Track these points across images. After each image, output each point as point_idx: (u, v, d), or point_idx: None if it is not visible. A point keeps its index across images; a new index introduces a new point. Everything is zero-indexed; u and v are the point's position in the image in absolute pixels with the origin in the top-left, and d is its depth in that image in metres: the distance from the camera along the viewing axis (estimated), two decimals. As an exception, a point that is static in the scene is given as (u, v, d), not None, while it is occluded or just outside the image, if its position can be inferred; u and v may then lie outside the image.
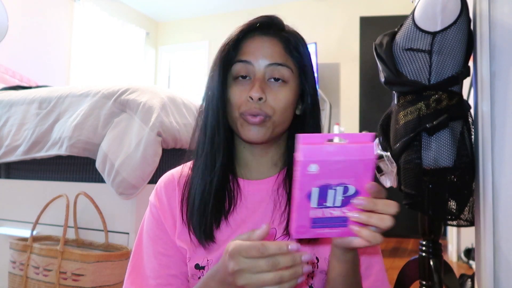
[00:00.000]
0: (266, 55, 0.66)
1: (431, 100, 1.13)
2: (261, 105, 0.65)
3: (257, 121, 0.65)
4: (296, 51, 0.69)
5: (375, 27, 3.62)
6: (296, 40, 0.70)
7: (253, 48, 0.67)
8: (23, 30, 3.42)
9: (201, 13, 4.99)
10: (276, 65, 0.66)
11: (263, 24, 0.69)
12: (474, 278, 1.75)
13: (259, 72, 0.66)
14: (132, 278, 0.71)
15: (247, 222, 0.69)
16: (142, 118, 1.30)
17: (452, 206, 1.18)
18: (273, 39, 0.68)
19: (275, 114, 0.66)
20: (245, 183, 0.72)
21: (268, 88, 0.66)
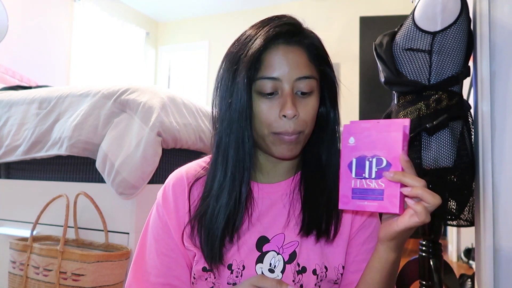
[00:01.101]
0: (293, 69, 0.62)
1: (431, 100, 1.13)
2: (295, 123, 0.62)
3: (294, 139, 0.63)
4: (318, 57, 0.66)
5: (375, 27, 3.62)
6: (317, 44, 0.66)
7: (278, 61, 0.62)
8: (23, 30, 3.42)
9: (201, 13, 4.99)
10: (304, 78, 0.62)
11: (286, 33, 0.63)
12: (474, 278, 1.75)
13: (288, 88, 0.62)
14: (133, 273, 0.71)
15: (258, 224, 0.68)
16: (142, 118, 1.30)
17: (452, 206, 1.18)
18: (298, 48, 0.63)
19: (307, 127, 0.64)
20: (259, 187, 0.70)
21: (298, 102, 0.63)
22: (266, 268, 0.65)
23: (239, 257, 0.66)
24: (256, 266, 0.66)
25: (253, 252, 0.66)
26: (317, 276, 0.65)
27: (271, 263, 0.66)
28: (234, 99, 0.62)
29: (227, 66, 0.65)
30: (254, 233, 0.68)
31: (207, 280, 0.67)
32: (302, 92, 0.63)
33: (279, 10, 3.90)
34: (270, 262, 0.66)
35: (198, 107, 1.59)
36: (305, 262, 0.66)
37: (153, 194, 1.40)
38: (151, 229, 0.72)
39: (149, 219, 0.74)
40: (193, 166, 0.74)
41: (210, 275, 0.67)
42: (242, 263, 0.66)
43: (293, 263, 0.66)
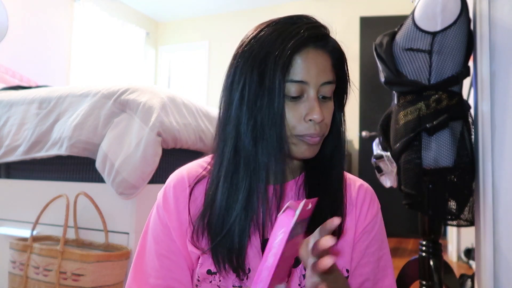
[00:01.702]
0: (320, 73, 0.62)
1: (431, 100, 1.13)
2: (320, 126, 0.63)
3: (317, 141, 0.64)
4: (340, 62, 0.66)
5: (375, 27, 3.62)
6: (339, 49, 0.66)
7: (307, 65, 0.61)
8: (23, 30, 3.42)
9: (201, 13, 4.99)
10: (328, 83, 0.63)
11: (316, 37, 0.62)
12: (474, 278, 1.75)
13: (314, 92, 0.62)
14: (133, 275, 0.70)
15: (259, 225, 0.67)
16: (142, 118, 1.30)
17: (452, 206, 1.18)
18: (325, 53, 0.63)
19: (327, 130, 0.66)
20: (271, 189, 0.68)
21: (322, 106, 0.63)
22: None
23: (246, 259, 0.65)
24: None
25: (259, 255, 0.65)
26: None
27: None
28: (265, 103, 0.60)
29: (247, 66, 0.62)
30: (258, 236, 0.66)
31: (211, 282, 0.66)
32: (324, 96, 0.64)
33: (279, 10, 3.96)
34: None
35: (198, 107, 1.59)
36: None
37: (153, 194, 1.40)
38: (151, 230, 0.71)
39: (149, 220, 0.73)
40: (194, 167, 0.72)
41: (215, 278, 0.66)
42: (248, 266, 0.65)
43: (299, 267, 0.65)
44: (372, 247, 0.70)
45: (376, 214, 0.71)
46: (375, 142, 1.40)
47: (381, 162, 1.32)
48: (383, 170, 1.34)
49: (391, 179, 1.31)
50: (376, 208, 0.72)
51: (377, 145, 1.38)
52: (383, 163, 1.32)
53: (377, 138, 1.40)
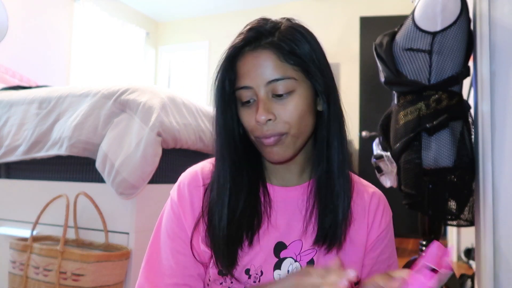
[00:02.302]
0: (262, 74, 0.61)
1: (431, 100, 1.13)
2: (272, 126, 0.62)
3: (272, 141, 0.62)
4: (294, 55, 0.62)
5: (375, 27, 3.62)
6: (291, 41, 0.62)
7: (247, 69, 0.62)
8: (23, 30, 3.42)
9: (201, 13, 4.99)
10: (275, 81, 0.61)
11: (251, 39, 0.62)
12: (474, 278, 1.75)
13: (261, 93, 0.62)
14: (146, 274, 0.68)
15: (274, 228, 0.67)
16: (142, 118, 1.30)
17: (452, 206, 1.18)
18: (265, 51, 0.61)
19: (292, 128, 0.62)
20: (274, 189, 0.69)
21: (275, 105, 0.62)
22: (283, 274, 0.65)
23: (257, 262, 0.65)
24: (274, 272, 0.65)
25: (271, 258, 0.66)
26: None
27: (288, 270, 0.65)
28: (215, 106, 0.66)
29: (216, 75, 0.67)
30: (271, 238, 0.66)
31: (222, 284, 0.66)
32: (278, 94, 0.62)
33: (279, 10, 3.97)
34: (288, 269, 0.65)
35: (198, 107, 1.59)
36: None
37: (153, 194, 1.40)
38: (165, 227, 0.70)
39: (160, 220, 0.72)
40: (207, 165, 0.72)
41: (226, 280, 0.66)
42: (260, 269, 0.65)
43: None
44: (384, 254, 0.71)
45: (390, 222, 0.72)
46: (375, 142, 1.40)
47: (381, 162, 1.32)
48: (383, 170, 1.34)
49: (391, 179, 1.31)
50: (389, 216, 0.72)
51: (377, 145, 1.38)
52: (383, 163, 1.31)
53: (377, 138, 1.40)
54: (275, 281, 0.62)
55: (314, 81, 0.64)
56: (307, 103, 0.63)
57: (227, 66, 0.64)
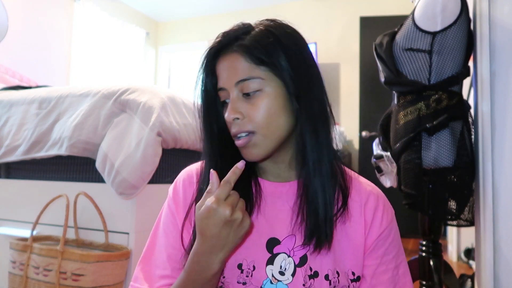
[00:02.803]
0: (231, 75, 0.65)
1: (431, 100, 1.13)
2: (240, 124, 0.64)
3: (241, 143, 0.65)
4: (261, 55, 0.64)
5: (375, 27, 3.62)
6: (259, 43, 0.64)
7: (221, 71, 0.67)
8: (23, 30, 3.42)
9: (201, 13, 4.99)
10: (242, 81, 0.64)
11: (222, 44, 0.66)
12: (474, 278, 1.75)
13: (232, 93, 0.65)
14: (142, 265, 0.72)
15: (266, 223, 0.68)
16: (142, 118, 1.30)
17: (452, 206, 1.18)
18: (234, 54, 0.65)
19: (260, 128, 0.64)
20: (265, 184, 0.71)
21: (244, 104, 0.65)
22: (276, 270, 0.65)
23: (250, 257, 0.66)
24: (266, 267, 0.65)
25: (264, 253, 0.66)
26: (329, 282, 0.64)
27: (281, 265, 0.65)
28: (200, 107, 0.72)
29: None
30: (263, 234, 0.67)
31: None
32: (246, 94, 0.64)
33: (279, 10, 3.97)
34: (280, 264, 0.65)
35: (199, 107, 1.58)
36: (317, 267, 0.65)
37: (153, 194, 1.40)
38: (162, 223, 0.73)
39: (160, 216, 0.75)
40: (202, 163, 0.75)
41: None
42: (253, 263, 0.66)
43: (304, 267, 0.65)
44: (389, 254, 0.69)
45: (392, 220, 0.71)
46: (375, 142, 1.40)
47: (381, 162, 1.32)
48: (383, 170, 1.34)
49: (391, 179, 1.31)
50: (391, 214, 0.71)
51: (377, 145, 1.38)
52: (383, 163, 1.32)
53: (377, 138, 1.40)
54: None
55: (285, 82, 0.65)
56: (278, 102, 0.64)
57: (206, 70, 0.69)
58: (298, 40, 0.68)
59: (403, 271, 0.70)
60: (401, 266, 0.70)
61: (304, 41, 0.70)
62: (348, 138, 4.19)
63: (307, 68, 0.66)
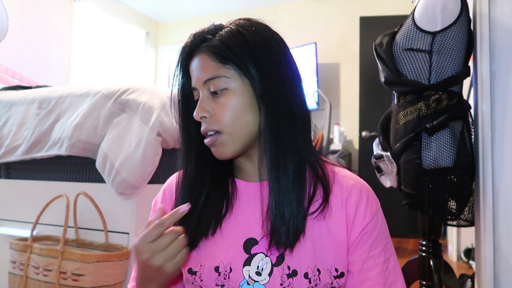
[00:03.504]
0: (200, 74, 0.66)
1: (431, 100, 1.13)
2: (207, 123, 0.66)
3: (209, 142, 0.66)
4: (227, 54, 0.64)
5: (375, 27, 3.62)
6: (224, 43, 0.65)
7: (192, 71, 0.68)
8: (23, 30, 3.42)
9: (201, 13, 4.99)
10: (208, 80, 0.65)
11: (193, 44, 0.68)
12: (474, 278, 1.75)
13: (201, 92, 0.67)
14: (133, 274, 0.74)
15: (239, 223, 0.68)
16: (142, 118, 1.30)
17: (452, 206, 1.18)
18: (202, 54, 0.66)
19: (226, 126, 0.64)
20: (240, 184, 0.72)
21: (212, 103, 0.66)
22: (253, 271, 0.64)
23: (227, 259, 0.66)
24: (243, 269, 0.65)
25: (241, 254, 0.66)
26: (309, 280, 0.63)
27: (258, 265, 0.64)
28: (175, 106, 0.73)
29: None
30: (240, 234, 0.67)
31: (193, 284, 0.67)
32: (213, 92, 0.66)
33: (279, 10, 3.94)
34: (257, 264, 0.65)
35: (198, 107, 1.58)
36: (296, 265, 0.64)
37: (153, 194, 1.40)
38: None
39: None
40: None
41: (196, 279, 0.66)
42: (230, 265, 0.65)
43: (281, 266, 0.64)
44: (376, 248, 0.67)
45: (377, 213, 0.68)
46: (375, 142, 1.40)
47: (381, 162, 1.32)
48: (383, 170, 1.34)
49: (391, 179, 1.31)
50: (376, 207, 0.69)
51: (377, 145, 1.38)
52: (383, 163, 1.31)
53: (377, 138, 1.40)
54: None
55: (252, 82, 0.65)
56: (244, 101, 0.65)
57: (181, 70, 0.71)
58: (269, 39, 0.68)
59: (393, 266, 0.68)
60: (391, 261, 0.68)
61: (278, 41, 0.69)
62: (348, 138, 4.19)
63: (275, 68, 0.66)
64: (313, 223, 0.65)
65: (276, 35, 0.70)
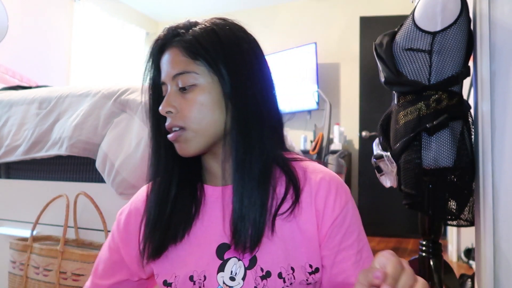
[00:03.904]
0: (170, 69, 0.65)
1: (431, 100, 1.13)
2: (172, 119, 0.64)
3: (172, 137, 0.65)
4: (198, 50, 0.63)
5: (375, 27, 3.62)
6: (196, 38, 0.64)
7: (163, 65, 0.67)
8: (23, 30, 3.42)
9: (201, 13, 4.98)
10: (178, 75, 0.64)
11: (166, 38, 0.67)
12: (474, 278, 1.75)
13: (170, 87, 0.65)
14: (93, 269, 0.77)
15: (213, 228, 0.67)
16: (142, 118, 1.30)
17: (452, 206, 1.18)
18: (173, 48, 0.65)
19: (191, 123, 0.63)
20: (208, 189, 0.70)
21: (179, 98, 0.64)
22: (227, 276, 0.63)
23: (200, 267, 0.65)
24: (217, 275, 0.64)
25: (214, 261, 0.64)
26: (283, 280, 0.62)
27: (232, 270, 0.63)
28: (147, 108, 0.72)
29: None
30: (213, 241, 0.65)
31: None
32: (181, 88, 0.64)
33: (279, 10, 3.94)
34: (231, 270, 0.63)
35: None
36: (269, 266, 0.62)
37: (153, 194, 1.40)
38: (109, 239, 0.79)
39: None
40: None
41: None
42: (204, 273, 0.64)
43: (254, 269, 0.63)
44: (348, 240, 0.65)
45: (346, 205, 0.66)
46: (375, 142, 1.40)
47: (381, 162, 1.32)
48: (383, 170, 1.34)
49: (391, 179, 1.31)
50: (345, 198, 0.66)
51: (377, 145, 1.38)
52: (383, 163, 1.31)
53: (377, 138, 1.40)
54: None
55: (221, 80, 0.64)
56: (212, 98, 0.64)
57: (153, 65, 0.69)
58: (242, 40, 0.67)
59: (366, 255, 0.66)
60: (364, 251, 0.66)
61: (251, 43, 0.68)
62: (348, 138, 4.19)
63: (246, 68, 0.65)
64: (283, 223, 0.64)
65: (250, 37, 0.69)
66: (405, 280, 0.40)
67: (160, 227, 0.66)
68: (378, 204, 3.69)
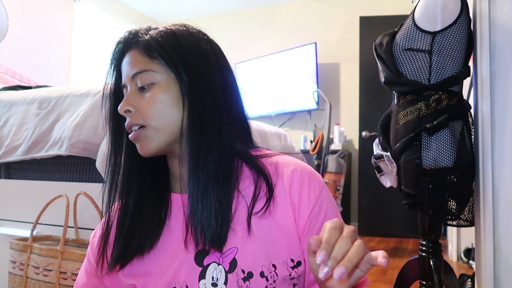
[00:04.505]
0: (129, 69, 0.66)
1: (431, 100, 1.13)
2: (132, 118, 0.65)
3: (132, 136, 0.65)
4: (158, 49, 0.64)
5: (375, 27, 3.62)
6: (155, 39, 0.65)
7: (123, 68, 0.68)
8: (23, 30, 3.42)
9: (201, 13, 4.99)
10: (136, 74, 0.65)
11: (124, 43, 0.68)
12: (474, 278, 1.75)
13: (129, 87, 0.66)
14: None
15: (176, 240, 0.66)
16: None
17: (452, 206, 1.18)
18: (133, 50, 0.67)
19: (150, 120, 0.63)
20: (174, 197, 0.70)
21: (138, 97, 0.65)
22: (209, 283, 0.62)
23: (181, 277, 0.63)
24: (199, 283, 0.62)
25: (194, 269, 0.63)
26: (266, 278, 0.61)
27: (213, 276, 0.62)
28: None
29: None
30: (191, 248, 0.64)
31: None
32: (141, 87, 0.65)
33: (279, 10, 3.95)
34: (212, 275, 0.62)
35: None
36: (250, 267, 0.62)
37: (153, 194, 1.40)
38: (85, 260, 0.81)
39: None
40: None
41: None
42: (185, 284, 0.63)
43: (235, 271, 0.62)
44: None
45: (320, 194, 0.65)
46: (375, 142, 1.40)
47: (381, 162, 1.32)
48: (383, 170, 1.34)
49: (391, 179, 1.31)
50: (319, 188, 0.65)
51: (377, 145, 1.38)
52: (383, 163, 1.31)
53: (377, 138, 1.40)
54: None
55: (178, 77, 0.65)
56: (171, 96, 0.64)
57: (114, 69, 0.70)
58: (201, 41, 0.68)
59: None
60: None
61: (212, 45, 0.70)
62: (348, 138, 4.19)
63: (204, 68, 0.65)
64: (259, 220, 0.63)
65: (210, 40, 0.71)
66: (340, 245, 0.46)
67: (122, 235, 0.66)
68: (378, 204, 3.69)
